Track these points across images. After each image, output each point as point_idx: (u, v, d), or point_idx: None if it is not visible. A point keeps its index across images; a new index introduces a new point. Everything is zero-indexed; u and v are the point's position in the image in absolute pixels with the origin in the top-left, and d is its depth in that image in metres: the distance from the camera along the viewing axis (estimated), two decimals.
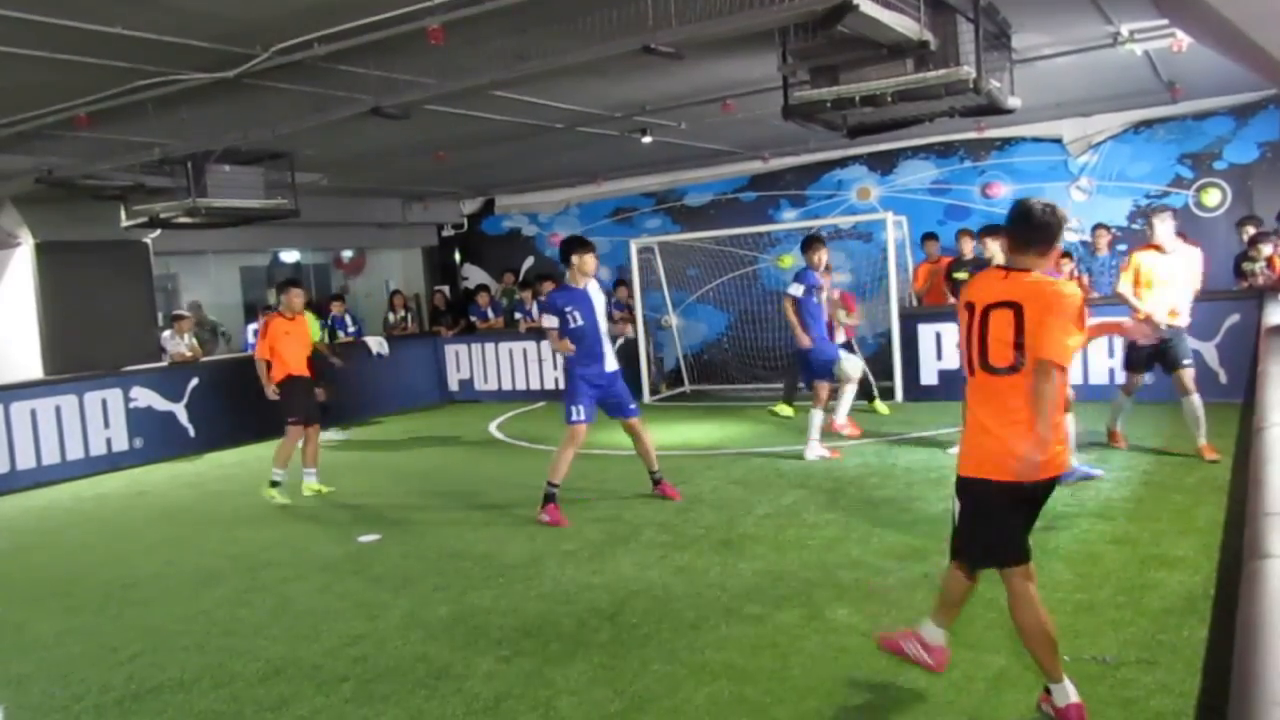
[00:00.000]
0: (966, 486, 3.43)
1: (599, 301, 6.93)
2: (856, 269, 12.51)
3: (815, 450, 8.06)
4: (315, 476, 8.44)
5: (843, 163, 12.78)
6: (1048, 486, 3.38)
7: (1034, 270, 3.35)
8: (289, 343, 8.25)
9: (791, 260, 12.69)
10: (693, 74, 7.44)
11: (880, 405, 10.49)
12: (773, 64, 6.18)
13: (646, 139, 10.19)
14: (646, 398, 12.57)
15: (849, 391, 8.65)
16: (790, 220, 13.01)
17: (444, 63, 6.17)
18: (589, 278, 6.90)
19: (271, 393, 8.36)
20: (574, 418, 6.80)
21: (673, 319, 13.58)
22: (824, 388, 8.27)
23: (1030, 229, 3.38)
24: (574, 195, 14.80)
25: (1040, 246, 3.36)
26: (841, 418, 8.62)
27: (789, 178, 13.20)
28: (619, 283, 13.90)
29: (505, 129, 9.32)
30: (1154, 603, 4.39)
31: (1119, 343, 9.44)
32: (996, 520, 3.38)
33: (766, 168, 13.13)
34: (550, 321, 6.86)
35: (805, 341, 8.21)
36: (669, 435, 10.04)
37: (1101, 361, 9.86)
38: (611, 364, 6.90)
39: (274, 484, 8.11)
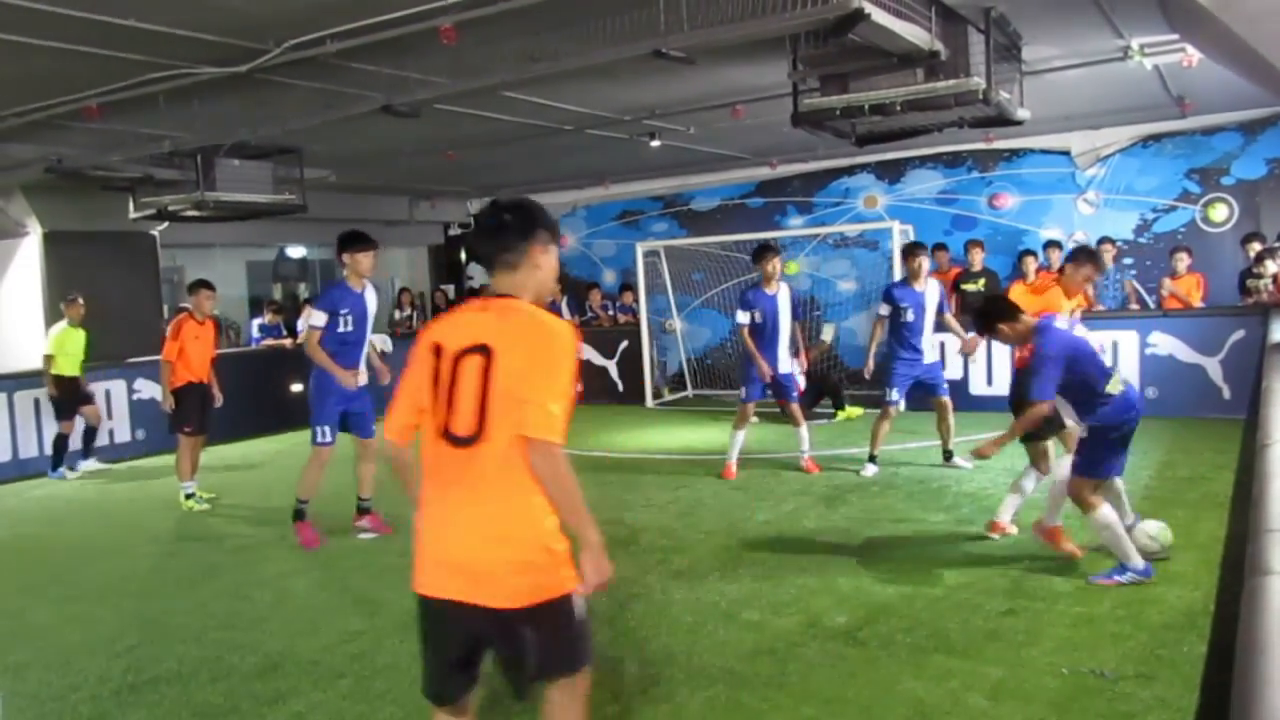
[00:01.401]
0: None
1: (373, 307, 6.46)
2: (862, 277, 12.50)
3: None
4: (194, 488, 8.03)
5: (850, 170, 12.78)
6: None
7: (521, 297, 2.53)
8: (197, 347, 8.02)
9: (797, 267, 12.70)
10: (703, 79, 7.45)
11: (850, 410, 10.58)
12: (783, 71, 6.19)
13: (655, 143, 10.20)
14: (649, 401, 12.57)
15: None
16: (797, 227, 13.02)
17: (455, 62, 6.18)
18: (365, 279, 6.38)
19: (168, 401, 8.06)
20: (318, 439, 6.36)
21: (677, 323, 13.58)
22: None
23: (494, 232, 2.55)
24: (581, 197, 14.82)
25: (509, 255, 2.53)
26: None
27: (796, 184, 13.21)
28: (624, 286, 13.91)
29: (514, 130, 9.33)
30: (1153, 618, 4.38)
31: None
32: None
33: (774, 174, 13.13)
34: (318, 319, 6.17)
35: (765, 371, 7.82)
36: (670, 439, 10.05)
37: None
38: (364, 378, 6.47)
39: (188, 496, 7.90)
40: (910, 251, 8.08)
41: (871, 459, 7.88)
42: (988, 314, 5.23)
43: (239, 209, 9.24)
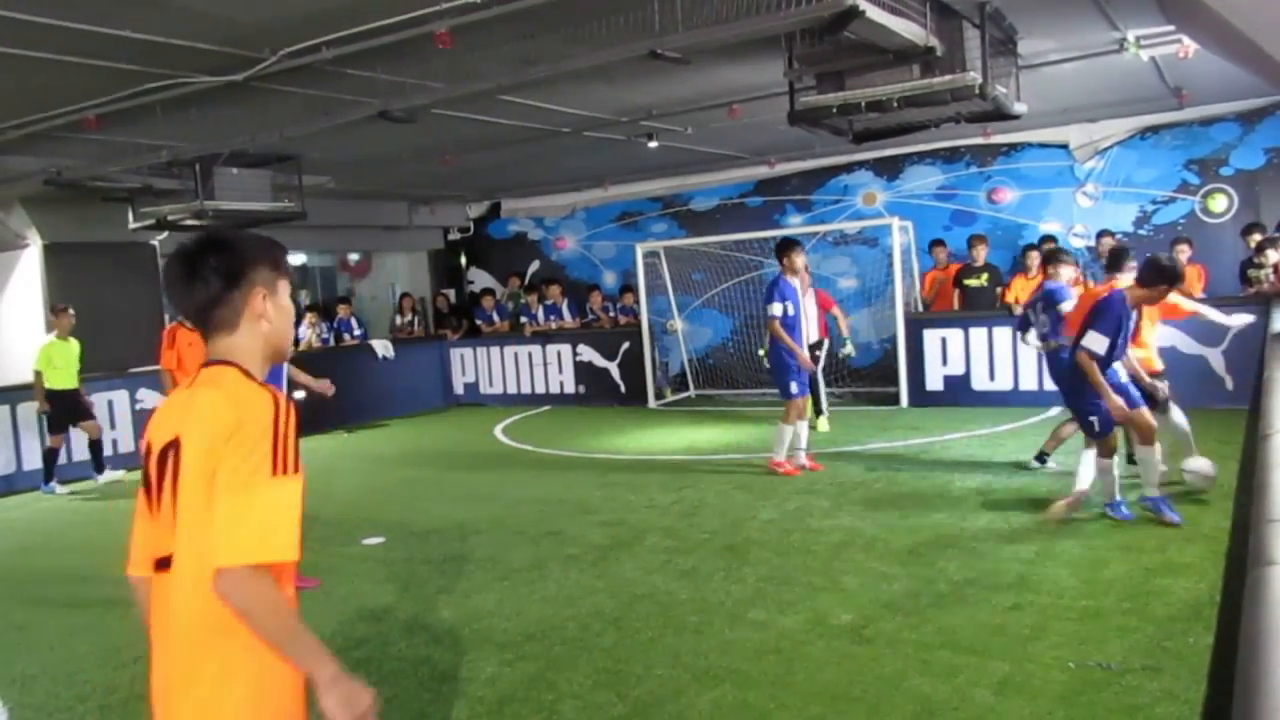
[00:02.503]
0: None
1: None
2: (862, 274, 12.50)
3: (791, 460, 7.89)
4: None
5: (849, 168, 12.78)
6: None
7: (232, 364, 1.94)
8: (193, 354, 7.77)
9: None
10: (699, 79, 7.45)
11: (821, 422, 9.92)
12: (779, 69, 6.19)
13: (653, 144, 10.20)
14: (651, 402, 12.57)
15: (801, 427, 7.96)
16: (796, 225, 13.01)
17: (452, 67, 6.19)
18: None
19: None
20: None
21: (678, 323, 13.58)
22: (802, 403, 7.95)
23: (191, 283, 1.94)
24: (580, 199, 14.82)
25: (220, 311, 1.95)
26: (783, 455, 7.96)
27: (795, 183, 13.21)
28: (625, 287, 13.91)
29: (512, 133, 9.34)
30: (1159, 609, 4.38)
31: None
32: None
33: (772, 173, 13.13)
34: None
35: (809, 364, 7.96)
36: (673, 439, 10.04)
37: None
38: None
39: None
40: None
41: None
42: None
43: (238, 217, 9.24)
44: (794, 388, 7.76)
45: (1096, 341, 5.69)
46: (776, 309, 7.68)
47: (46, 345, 9.30)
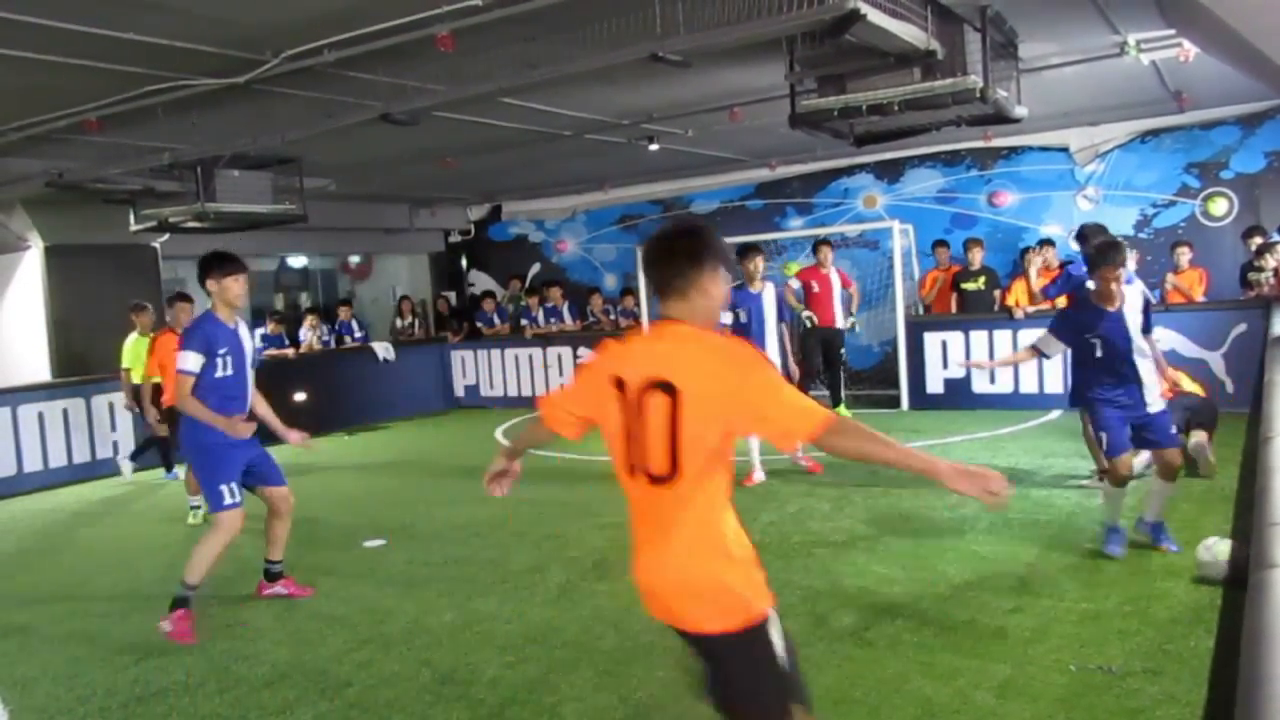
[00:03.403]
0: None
1: (249, 346, 5.46)
2: (863, 277, 12.50)
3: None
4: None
5: (849, 171, 12.79)
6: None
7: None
8: (171, 359, 7.94)
9: (797, 267, 12.69)
10: (700, 82, 7.46)
11: (840, 409, 10.39)
12: (780, 72, 6.19)
13: (654, 146, 10.21)
14: None
15: None
16: (797, 228, 13.02)
17: (453, 69, 6.20)
18: (237, 310, 5.38)
19: (155, 419, 8.03)
20: (226, 501, 5.13)
21: None
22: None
23: (666, 258, 2.53)
24: (581, 202, 14.83)
25: (679, 282, 2.48)
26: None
27: (795, 185, 13.22)
28: (625, 290, 13.92)
29: (513, 136, 9.35)
30: (1160, 613, 4.38)
31: None
32: None
33: (773, 175, 13.14)
34: (193, 362, 5.07)
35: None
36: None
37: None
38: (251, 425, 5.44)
39: (194, 508, 7.67)
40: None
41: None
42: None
43: (239, 220, 9.25)
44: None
45: (1046, 343, 5.51)
46: (727, 318, 7.67)
47: (132, 343, 9.05)
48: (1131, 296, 5.19)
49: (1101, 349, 5.14)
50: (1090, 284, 5.39)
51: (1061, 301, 6.88)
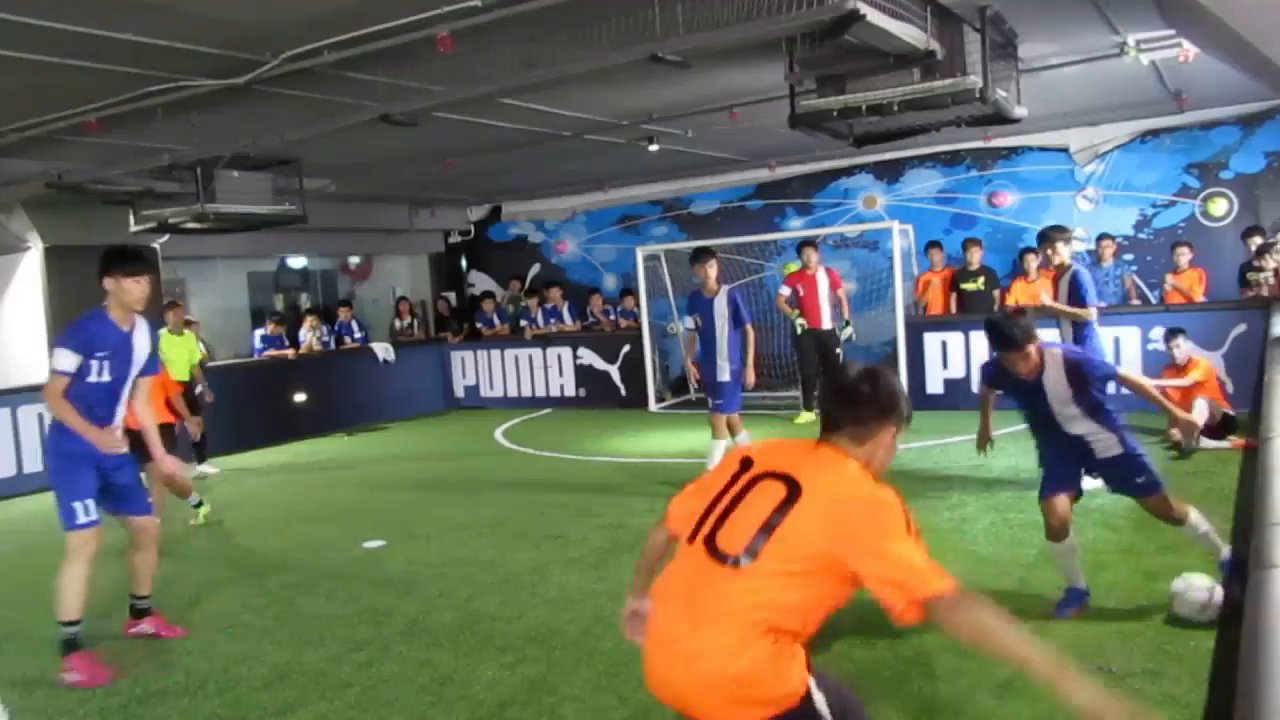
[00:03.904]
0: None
1: (143, 348, 5.02)
2: (862, 277, 12.51)
3: None
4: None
5: (849, 171, 12.79)
6: None
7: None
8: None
9: (795, 268, 12.70)
10: (700, 82, 7.45)
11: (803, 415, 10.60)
12: (779, 73, 6.19)
13: (654, 147, 10.21)
14: (652, 405, 12.57)
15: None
16: (797, 229, 13.02)
17: (453, 70, 6.19)
18: (135, 312, 5.04)
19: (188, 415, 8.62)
20: (79, 520, 4.61)
21: (679, 326, 13.57)
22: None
23: (853, 402, 2.46)
24: (580, 203, 14.83)
25: (860, 430, 2.42)
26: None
27: (795, 186, 13.22)
28: (625, 291, 13.91)
29: (513, 136, 9.34)
30: (1160, 613, 4.37)
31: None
32: None
33: (773, 176, 13.14)
34: (68, 361, 4.65)
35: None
36: (674, 442, 10.04)
37: None
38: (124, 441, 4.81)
39: (197, 505, 7.76)
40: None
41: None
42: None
43: (239, 220, 9.24)
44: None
45: (988, 392, 5.05)
46: (689, 322, 7.72)
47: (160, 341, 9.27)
48: (1053, 367, 4.41)
49: (1028, 411, 4.62)
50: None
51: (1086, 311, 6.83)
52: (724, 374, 7.59)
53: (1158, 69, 8.12)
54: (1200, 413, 7.54)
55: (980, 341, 10.42)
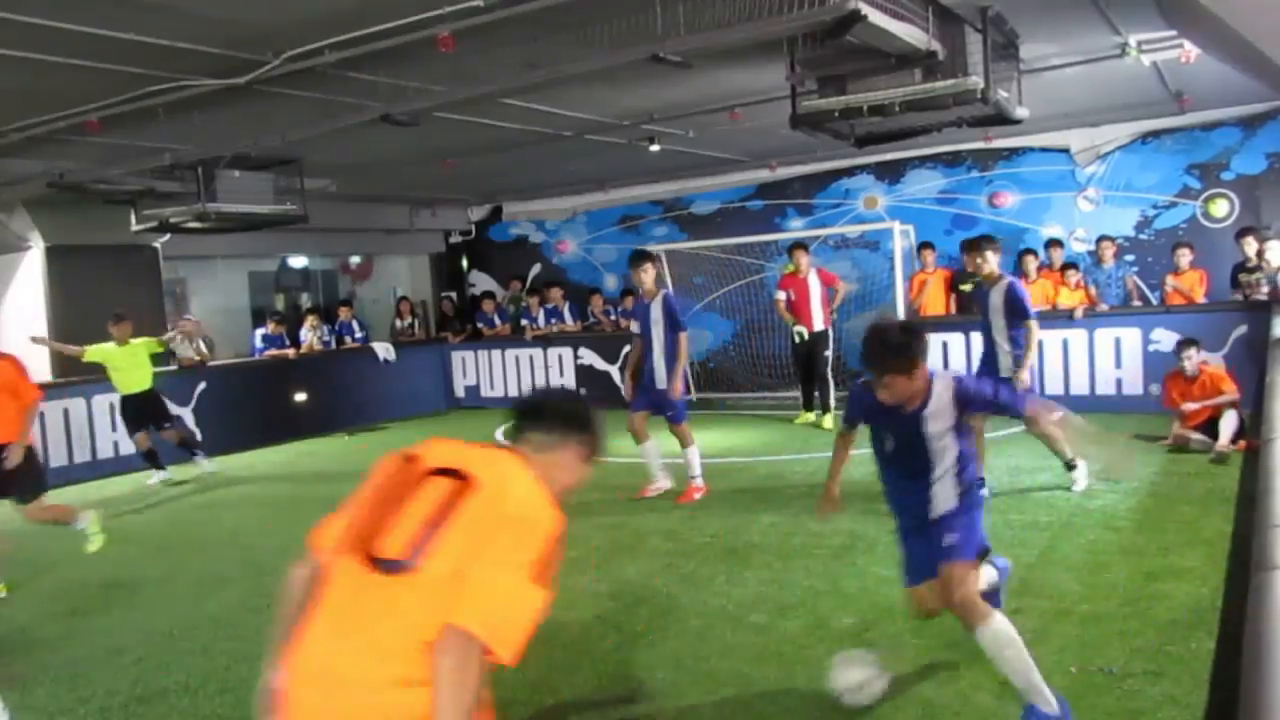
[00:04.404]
0: None
1: None
2: (863, 278, 12.50)
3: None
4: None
5: (850, 171, 12.79)
6: None
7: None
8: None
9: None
10: (701, 82, 7.46)
11: (826, 421, 10.28)
12: (781, 73, 6.20)
13: (654, 147, 10.22)
14: None
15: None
16: (798, 229, 13.02)
17: (454, 70, 6.20)
18: None
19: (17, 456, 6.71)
20: None
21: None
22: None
23: (536, 410, 2.37)
24: (581, 203, 14.84)
25: (544, 438, 2.29)
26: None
27: (796, 186, 13.22)
28: (626, 291, 13.91)
29: (514, 136, 9.35)
30: (1161, 614, 4.38)
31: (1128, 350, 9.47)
32: None
33: (774, 176, 13.14)
34: None
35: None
36: (674, 442, 10.01)
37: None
38: None
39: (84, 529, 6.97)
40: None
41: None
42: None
43: (240, 220, 9.26)
44: (672, 412, 7.38)
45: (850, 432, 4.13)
46: (635, 328, 7.61)
47: (95, 349, 9.38)
48: (942, 396, 3.53)
49: (891, 459, 3.81)
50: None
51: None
52: (663, 381, 7.40)
53: (1159, 70, 8.12)
54: (1230, 425, 7.51)
55: (980, 344, 10.41)
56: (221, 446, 10.94)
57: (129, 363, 9.41)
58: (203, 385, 11.17)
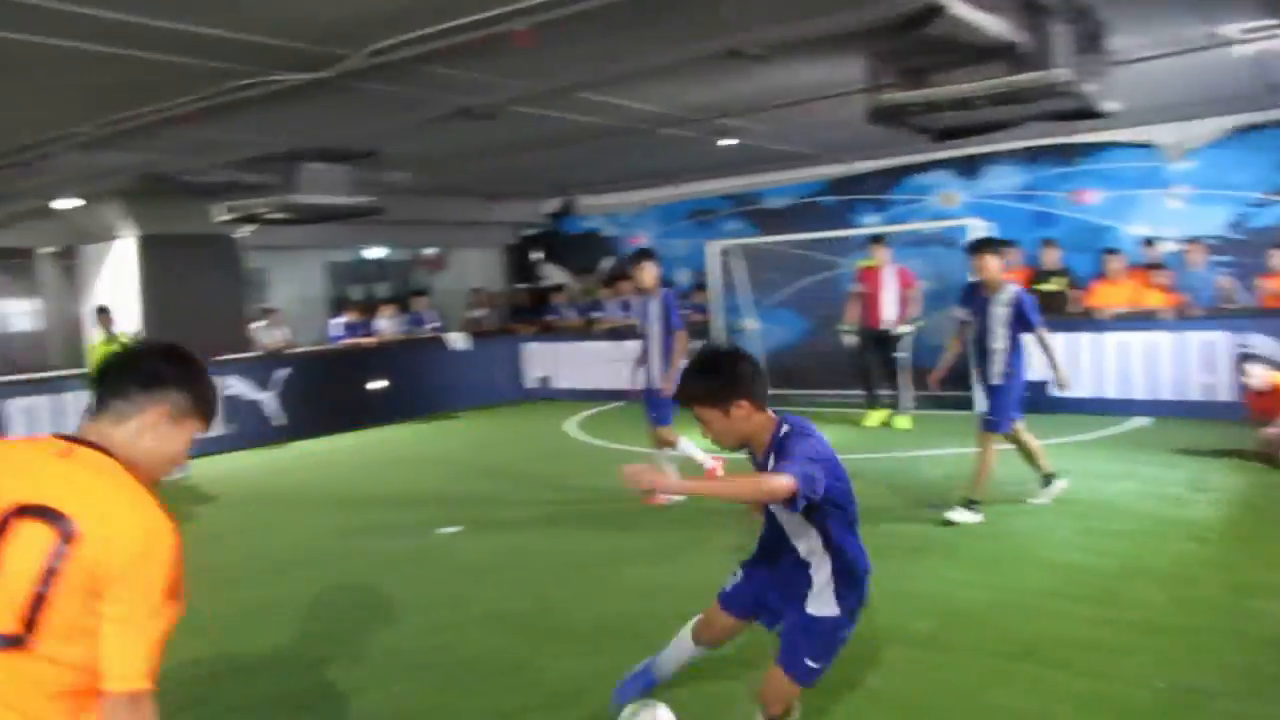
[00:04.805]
0: None
1: None
2: (939, 275, 12.23)
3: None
4: None
5: (925, 167, 12.54)
6: None
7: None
8: None
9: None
10: (776, 76, 7.38)
11: (901, 421, 10.25)
12: (858, 66, 6.09)
13: (723, 142, 10.15)
14: None
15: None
16: (872, 225, 12.82)
17: (532, 64, 6.23)
18: None
19: None
20: None
21: (752, 322, 13.47)
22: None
23: (125, 365, 2.02)
24: (652, 197, 14.84)
25: (122, 404, 1.94)
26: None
27: (870, 181, 13.01)
28: (697, 285, 13.87)
29: (586, 130, 9.38)
30: (1256, 632, 4.20)
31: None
32: None
33: (846, 171, 12.96)
34: None
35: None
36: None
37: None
38: None
39: None
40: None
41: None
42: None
43: (320, 211, 9.46)
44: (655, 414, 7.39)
45: None
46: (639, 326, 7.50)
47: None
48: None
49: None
50: None
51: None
52: (655, 382, 7.32)
53: (1255, 61, 7.78)
54: None
55: (1058, 343, 10.15)
56: (304, 431, 11.25)
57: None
58: (286, 371, 11.48)
